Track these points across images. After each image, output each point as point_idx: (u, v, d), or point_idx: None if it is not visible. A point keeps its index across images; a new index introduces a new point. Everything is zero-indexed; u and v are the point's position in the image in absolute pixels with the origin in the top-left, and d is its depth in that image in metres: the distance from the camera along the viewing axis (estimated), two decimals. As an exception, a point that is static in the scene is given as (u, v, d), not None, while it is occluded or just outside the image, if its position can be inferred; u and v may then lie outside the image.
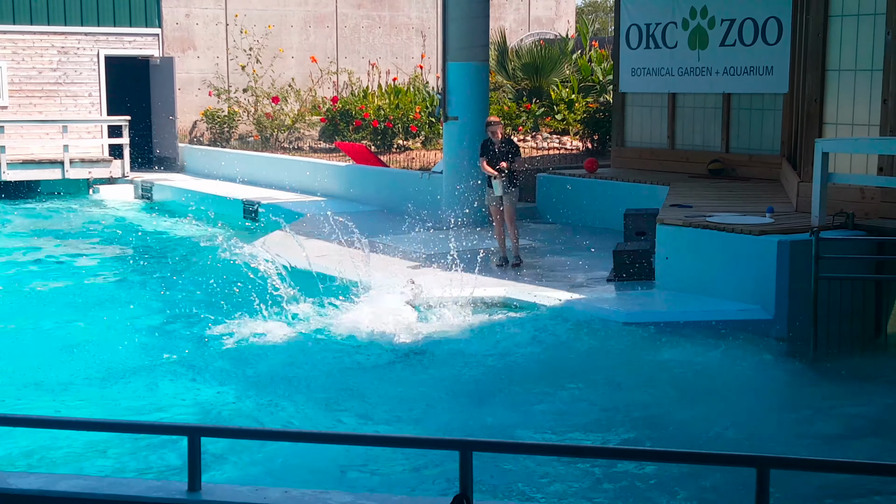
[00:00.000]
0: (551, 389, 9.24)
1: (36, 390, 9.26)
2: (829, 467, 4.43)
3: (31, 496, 4.36)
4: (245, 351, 10.35)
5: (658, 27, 16.50)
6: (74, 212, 20.62)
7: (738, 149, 15.77)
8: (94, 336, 10.94)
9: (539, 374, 9.69)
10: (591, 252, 13.85)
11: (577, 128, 21.08)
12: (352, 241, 13.14)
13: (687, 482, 7.30)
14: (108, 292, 13.21)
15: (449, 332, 10.90)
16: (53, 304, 12.47)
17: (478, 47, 15.85)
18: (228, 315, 11.60)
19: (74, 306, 12.35)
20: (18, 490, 4.38)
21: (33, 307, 12.29)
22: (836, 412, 8.85)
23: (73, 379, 9.61)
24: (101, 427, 5.74)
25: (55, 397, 9.08)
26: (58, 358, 10.19)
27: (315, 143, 24.32)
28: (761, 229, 10.92)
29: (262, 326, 11.09)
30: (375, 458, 7.57)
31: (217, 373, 9.72)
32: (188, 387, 9.39)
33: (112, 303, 12.51)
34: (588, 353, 10.15)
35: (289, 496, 4.35)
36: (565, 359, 10.03)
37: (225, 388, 9.35)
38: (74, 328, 11.29)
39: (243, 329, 11.03)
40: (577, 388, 9.30)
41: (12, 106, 22.39)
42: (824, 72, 11.96)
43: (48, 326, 11.40)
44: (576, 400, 9.04)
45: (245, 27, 24.92)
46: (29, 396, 9.07)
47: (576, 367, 9.79)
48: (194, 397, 9.13)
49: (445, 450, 4.50)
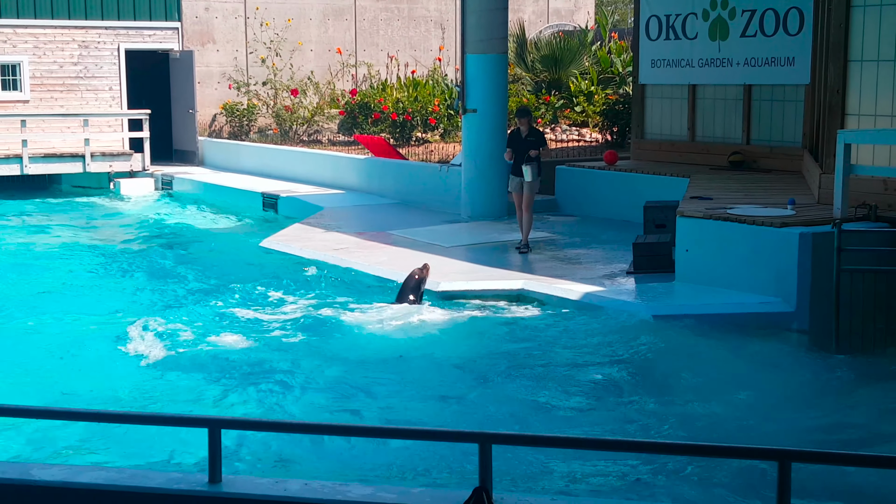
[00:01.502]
0: (567, 383, 9.22)
1: (56, 383, 9.30)
2: (851, 461, 4.40)
3: (54, 487, 4.38)
4: (271, 342, 10.38)
5: (678, 18, 16.42)
6: (95, 205, 20.72)
7: (758, 140, 15.68)
8: (116, 328, 10.98)
9: (555, 366, 9.67)
10: (610, 244, 13.81)
11: (597, 120, 21.02)
12: (370, 234, 13.15)
13: (708, 475, 7.27)
14: (129, 284, 13.26)
15: (464, 324, 10.89)
16: (76, 295, 12.52)
17: (496, 39, 15.81)
18: (248, 305, 11.63)
19: (97, 299, 12.40)
20: (41, 481, 4.41)
21: (55, 300, 12.34)
22: (858, 405, 8.80)
23: (96, 370, 9.65)
24: (122, 419, 5.76)
25: (76, 389, 9.12)
26: (81, 350, 10.25)
27: (334, 136, 24.34)
28: (783, 221, 10.86)
29: (279, 316, 11.10)
30: (396, 451, 7.57)
31: (240, 364, 9.74)
32: (205, 379, 9.41)
33: (134, 294, 12.57)
34: (604, 345, 10.12)
35: (308, 488, 4.35)
36: (581, 351, 10.00)
37: (245, 380, 9.36)
38: (97, 320, 11.34)
39: (264, 319, 11.05)
40: (595, 380, 9.27)
41: (34, 100, 22.49)
42: (846, 62, 11.88)
43: (69, 319, 11.44)
44: (594, 393, 9.01)
45: (264, 20, 24.95)
46: (50, 389, 9.12)
47: (591, 360, 9.76)
48: (212, 390, 9.14)
49: (465, 442, 4.49)
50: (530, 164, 13.28)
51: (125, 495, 4.35)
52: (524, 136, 13.45)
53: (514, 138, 13.66)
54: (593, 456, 7.41)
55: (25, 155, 21.46)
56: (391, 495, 4.29)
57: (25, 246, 16.04)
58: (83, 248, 15.90)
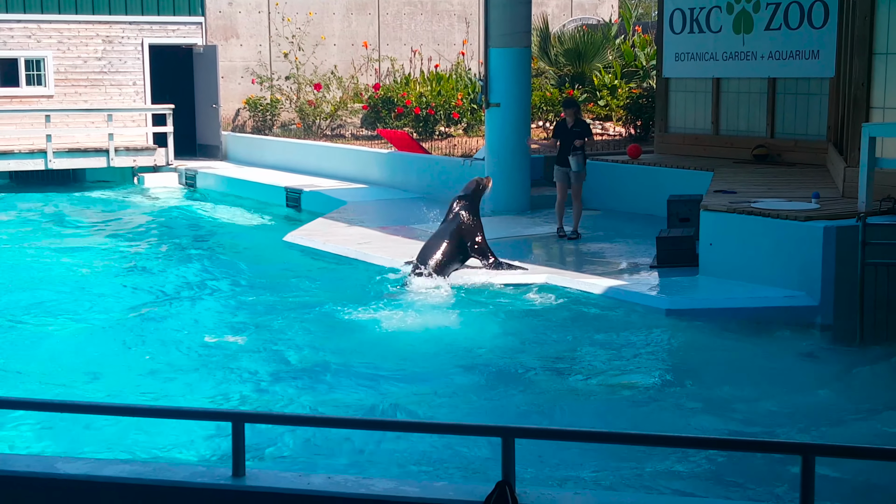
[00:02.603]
0: (589, 377, 9.21)
1: (84, 376, 9.36)
2: (875, 455, 4.37)
3: (79, 480, 4.41)
4: (293, 336, 10.41)
5: (702, 11, 16.34)
6: (119, 200, 20.82)
7: (783, 134, 15.59)
8: (138, 322, 11.04)
9: (578, 360, 9.66)
10: (634, 238, 13.78)
11: (620, 114, 20.95)
12: (394, 228, 13.17)
13: (732, 468, 7.25)
14: (151, 278, 13.32)
15: (488, 317, 10.89)
16: (98, 289, 12.59)
17: (520, 33, 15.78)
18: (271, 299, 11.67)
19: (119, 293, 12.47)
20: (66, 475, 4.44)
21: (78, 294, 12.41)
22: (883, 399, 8.75)
23: (117, 365, 9.71)
24: (147, 413, 5.80)
25: (97, 384, 9.18)
26: (107, 344, 10.31)
27: (357, 131, 24.36)
28: (807, 215, 10.81)
29: (300, 310, 11.14)
30: (418, 445, 7.58)
31: (262, 358, 9.77)
32: (228, 373, 9.44)
33: (156, 288, 12.62)
34: (627, 340, 10.10)
35: (332, 482, 4.36)
36: (604, 345, 9.99)
37: (268, 374, 9.40)
38: (119, 314, 11.40)
39: (286, 313, 11.09)
40: (618, 374, 9.26)
41: (58, 95, 22.62)
42: (871, 55, 11.79)
43: (91, 313, 11.51)
44: (617, 387, 9.00)
45: (287, 15, 24.99)
46: (71, 383, 9.17)
47: (614, 354, 9.75)
48: (235, 384, 9.18)
49: (488, 436, 4.49)
50: (576, 155, 13.58)
51: (149, 489, 4.37)
52: (570, 126, 13.76)
53: (559, 129, 13.99)
54: (615, 450, 7.40)
55: (50, 150, 21.59)
56: (414, 489, 4.30)
57: (49, 240, 16.14)
58: (106, 243, 15.99)
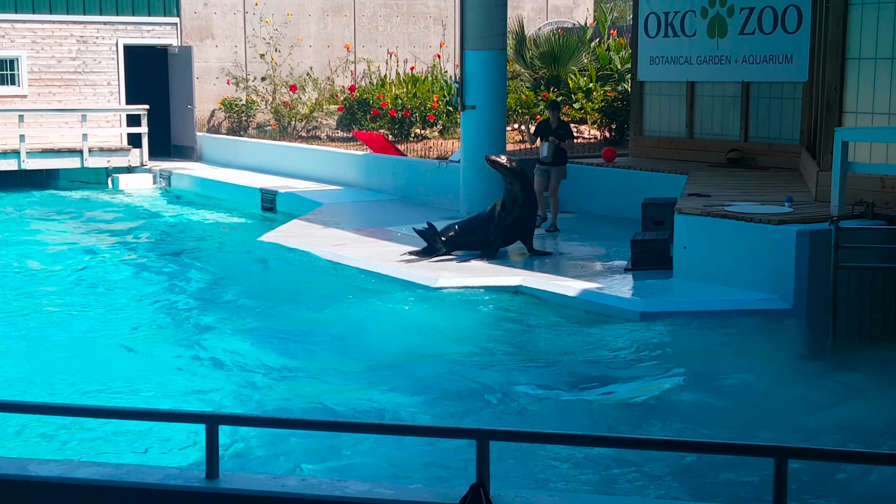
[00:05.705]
0: (564, 380, 9.23)
1: (51, 379, 9.30)
2: (847, 458, 4.41)
3: (51, 483, 4.39)
4: (268, 338, 10.38)
5: (677, 15, 16.42)
6: (93, 200, 20.70)
7: (757, 138, 15.69)
8: (112, 324, 10.99)
9: (553, 363, 9.68)
10: (608, 241, 13.82)
11: (595, 117, 21.02)
12: (369, 230, 13.15)
13: (704, 471, 7.29)
14: (126, 279, 13.26)
15: (462, 320, 10.90)
16: (72, 291, 12.52)
17: (496, 36, 15.80)
18: (245, 300, 11.63)
19: (94, 294, 12.40)
20: (38, 477, 4.41)
21: (51, 295, 12.34)
22: (854, 402, 8.81)
23: (92, 366, 9.66)
24: (120, 415, 5.77)
25: (72, 386, 9.12)
26: (80, 345, 10.25)
27: (332, 132, 24.33)
28: (780, 219, 10.87)
29: (275, 312, 11.11)
30: (392, 446, 7.58)
31: (236, 360, 9.74)
32: (201, 375, 9.41)
33: (131, 289, 12.56)
34: (601, 342, 10.13)
35: (306, 484, 4.36)
36: (579, 348, 10.01)
37: (241, 376, 9.37)
38: (94, 315, 11.34)
39: (261, 315, 11.06)
40: (593, 377, 9.28)
41: (32, 95, 22.48)
42: (844, 60, 11.88)
43: (65, 314, 11.44)
44: (591, 390, 9.02)
45: (264, 16, 24.93)
46: (45, 385, 9.11)
47: (589, 357, 9.77)
48: (209, 386, 9.14)
49: (462, 439, 4.50)
50: (547, 142, 14.28)
51: (122, 491, 4.35)
52: (553, 127, 14.42)
53: (542, 127, 14.66)
54: (589, 452, 7.42)
55: (23, 150, 21.45)
56: (389, 491, 4.30)
57: (23, 241, 16.03)
58: (81, 243, 15.89)
